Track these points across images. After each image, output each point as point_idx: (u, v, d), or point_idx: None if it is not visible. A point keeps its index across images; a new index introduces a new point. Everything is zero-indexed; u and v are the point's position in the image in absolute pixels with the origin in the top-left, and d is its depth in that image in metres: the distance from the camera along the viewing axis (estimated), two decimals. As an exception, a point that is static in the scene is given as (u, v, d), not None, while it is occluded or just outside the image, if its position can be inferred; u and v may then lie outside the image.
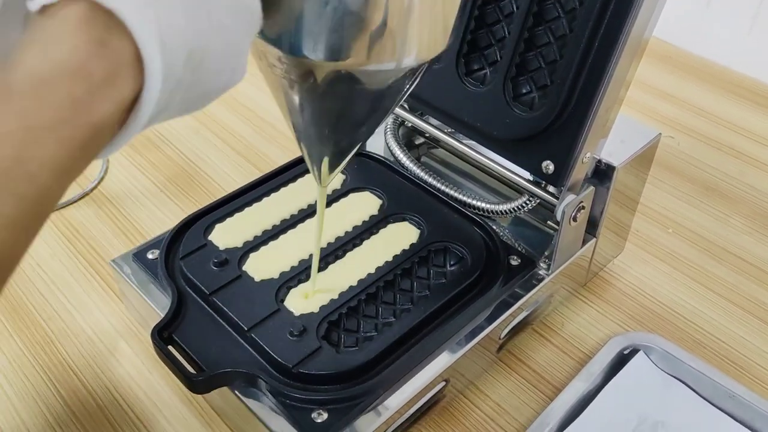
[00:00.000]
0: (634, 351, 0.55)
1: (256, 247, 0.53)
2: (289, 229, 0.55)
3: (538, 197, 0.54)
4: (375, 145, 0.65)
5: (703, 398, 0.52)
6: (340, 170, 0.45)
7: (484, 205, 0.58)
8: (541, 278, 0.54)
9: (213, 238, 0.54)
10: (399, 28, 0.34)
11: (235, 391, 0.46)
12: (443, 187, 0.59)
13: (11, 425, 0.51)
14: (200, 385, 0.45)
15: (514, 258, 0.55)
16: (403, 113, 0.62)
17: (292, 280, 0.51)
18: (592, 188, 0.54)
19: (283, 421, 0.44)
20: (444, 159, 0.66)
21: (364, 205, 0.58)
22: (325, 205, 0.48)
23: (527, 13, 0.51)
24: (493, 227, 0.56)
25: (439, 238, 0.55)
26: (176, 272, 0.52)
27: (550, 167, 0.52)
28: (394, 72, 0.37)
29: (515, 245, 0.57)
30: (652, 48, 0.51)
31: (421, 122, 0.62)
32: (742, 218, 0.70)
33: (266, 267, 0.52)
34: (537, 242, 0.57)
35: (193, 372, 0.45)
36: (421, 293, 0.51)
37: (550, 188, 0.54)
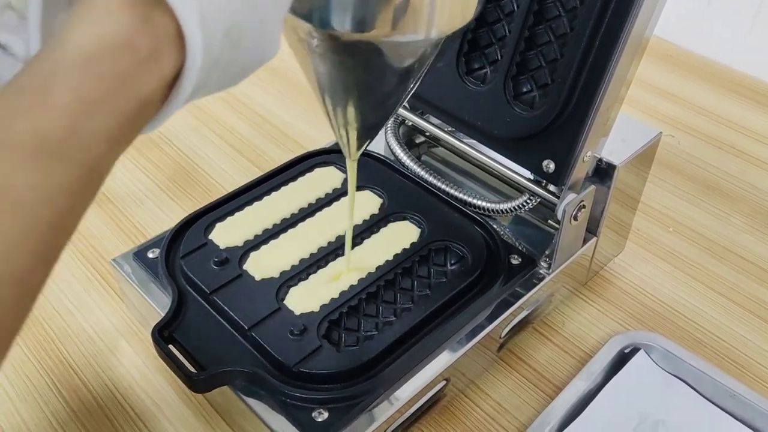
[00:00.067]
0: (634, 350, 0.55)
1: (256, 246, 0.53)
2: (289, 228, 0.55)
3: (539, 196, 0.54)
4: (375, 144, 0.65)
5: (704, 397, 0.52)
6: (369, 143, 0.46)
7: (484, 204, 0.58)
8: (541, 277, 0.54)
9: (213, 237, 0.54)
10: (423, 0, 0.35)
11: (236, 390, 0.46)
12: (444, 186, 0.59)
13: (12, 424, 0.51)
14: (201, 384, 0.45)
15: (515, 257, 0.55)
16: (403, 112, 0.62)
17: (293, 279, 0.51)
18: (592, 187, 0.54)
19: (284, 420, 0.44)
20: (444, 158, 0.66)
21: (364, 204, 0.57)
22: (355, 180, 0.49)
23: (528, 11, 0.51)
24: (494, 226, 0.56)
25: (439, 237, 0.54)
26: (177, 271, 0.52)
27: (550, 166, 0.52)
28: (421, 43, 0.37)
29: (516, 244, 0.57)
30: (652, 47, 0.51)
31: (422, 121, 0.61)
32: (742, 217, 0.70)
33: (267, 266, 0.52)
34: (537, 241, 0.57)
35: (194, 371, 0.45)
36: (421, 292, 0.51)
37: (551, 187, 0.54)
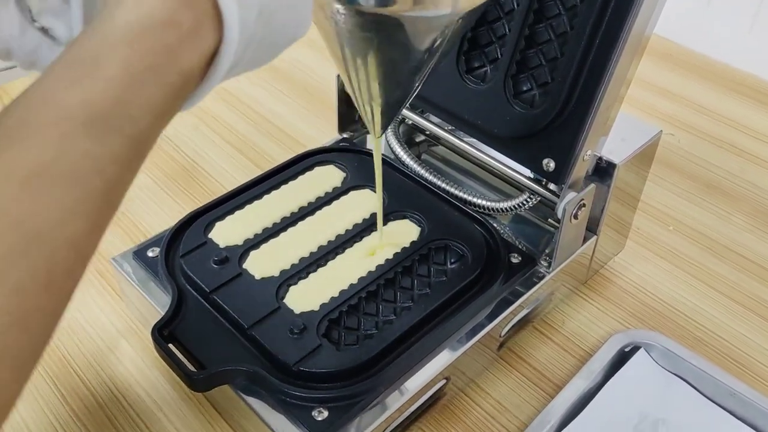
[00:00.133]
0: (635, 348, 0.55)
1: (256, 245, 0.53)
2: (289, 227, 0.55)
3: (539, 195, 0.54)
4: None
5: (705, 396, 0.52)
6: (393, 120, 0.47)
7: (484, 202, 0.58)
8: (541, 276, 0.54)
9: (213, 235, 0.54)
10: None
11: (236, 389, 0.46)
12: (444, 185, 0.59)
13: (11, 424, 0.51)
14: (200, 383, 0.45)
15: (515, 256, 0.55)
16: (403, 111, 0.62)
17: (293, 278, 0.51)
18: (592, 186, 0.54)
19: (284, 419, 0.44)
20: (444, 156, 0.66)
21: (364, 203, 0.57)
22: (381, 158, 0.51)
23: (528, 10, 0.51)
24: (494, 225, 0.56)
25: (439, 236, 0.54)
26: (176, 270, 0.52)
27: (550, 165, 0.52)
28: (445, 18, 0.40)
29: (516, 243, 0.57)
30: (653, 45, 0.51)
31: (422, 120, 0.61)
32: (743, 216, 0.70)
33: (266, 265, 0.52)
34: (538, 240, 0.57)
35: (194, 370, 0.45)
36: (421, 291, 0.51)
37: (551, 186, 0.54)
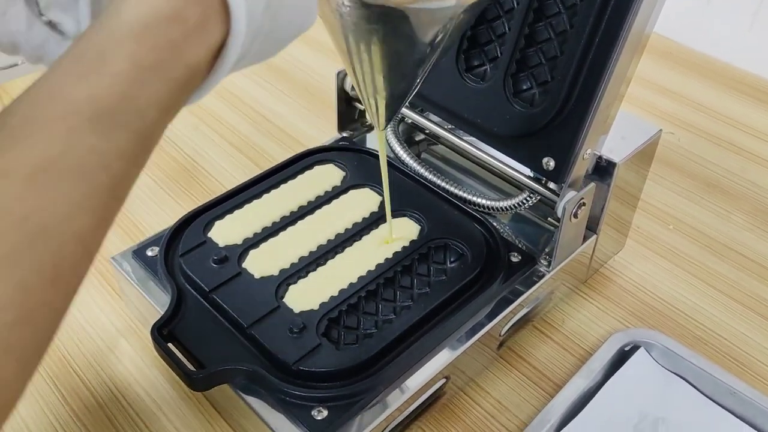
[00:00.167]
0: (634, 348, 0.55)
1: (255, 244, 0.53)
2: (288, 226, 0.55)
3: (539, 194, 0.54)
4: (375, 141, 0.65)
5: (704, 395, 0.52)
6: (397, 113, 0.47)
7: (484, 201, 0.57)
8: (541, 275, 0.54)
9: (212, 235, 0.54)
10: None
11: (235, 388, 0.46)
12: (443, 184, 0.59)
13: (11, 423, 0.51)
14: (200, 382, 0.45)
15: (515, 255, 0.55)
16: (403, 110, 0.62)
17: (292, 277, 0.51)
18: (592, 185, 0.53)
19: (283, 419, 0.44)
20: (444, 155, 0.65)
21: (364, 202, 0.57)
22: (385, 151, 0.52)
23: (527, 8, 0.50)
24: (494, 224, 0.56)
25: (439, 235, 0.54)
26: (176, 269, 0.52)
27: (550, 164, 0.52)
28: (449, 10, 0.40)
29: (516, 242, 0.57)
30: (652, 44, 0.51)
31: (421, 119, 0.61)
32: (743, 214, 0.70)
33: (266, 264, 0.52)
34: (537, 239, 0.57)
35: (193, 369, 0.45)
36: (421, 290, 0.51)
37: (551, 185, 0.54)
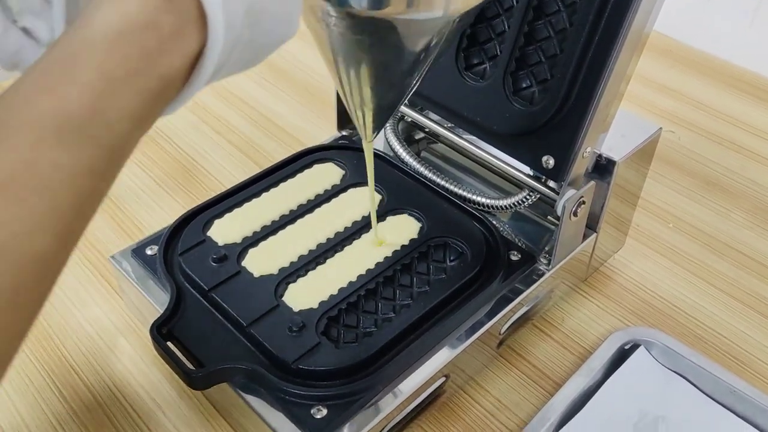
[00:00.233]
0: (634, 346, 0.55)
1: (255, 243, 0.53)
2: (288, 225, 0.55)
3: (539, 192, 0.54)
4: (375, 140, 0.64)
5: (704, 393, 0.52)
6: (385, 124, 0.46)
7: (484, 200, 0.57)
8: (541, 273, 0.54)
9: (212, 233, 0.54)
10: None
11: (235, 387, 0.46)
12: (443, 183, 0.59)
13: (10, 422, 0.51)
14: (199, 381, 0.45)
15: (515, 253, 0.55)
16: (402, 108, 0.62)
17: (292, 276, 0.51)
18: (592, 183, 0.53)
19: (283, 417, 0.44)
20: (444, 154, 0.65)
21: (363, 201, 0.57)
22: (372, 161, 0.51)
23: (527, 6, 0.50)
24: (493, 222, 0.56)
25: (438, 234, 0.54)
26: (175, 268, 0.52)
27: (550, 162, 0.51)
28: (438, 21, 0.38)
29: (515, 240, 0.57)
30: (652, 42, 0.51)
31: (421, 117, 0.61)
32: (743, 213, 0.70)
33: (265, 263, 0.52)
34: (537, 237, 0.57)
35: (192, 368, 0.45)
36: (420, 289, 0.51)
37: (551, 183, 0.53)
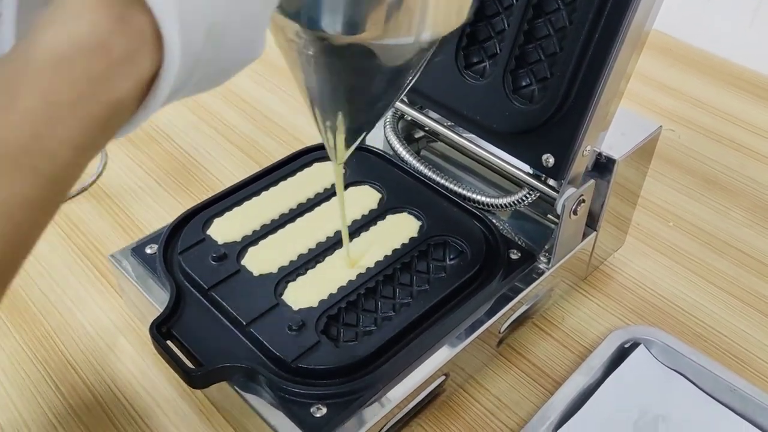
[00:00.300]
0: (634, 344, 0.55)
1: (254, 242, 0.53)
2: (287, 224, 0.55)
3: (538, 191, 0.54)
4: (374, 139, 0.64)
5: (704, 392, 0.52)
6: (356, 147, 0.45)
7: (483, 198, 0.57)
8: (541, 272, 0.54)
9: (211, 232, 0.54)
10: (416, 1, 0.34)
11: (234, 385, 0.46)
12: (443, 181, 0.59)
13: (10, 421, 0.51)
14: (199, 379, 0.45)
15: (514, 252, 0.55)
16: (402, 107, 0.62)
17: (291, 275, 0.51)
18: (592, 181, 0.53)
19: (282, 416, 0.44)
20: (444, 152, 0.65)
21: (363, 199, 0.57)
22: (343, 184, 0.50)
23: (527, 5, 0.50)
24: (493, 221, 0.56)
25: (438, 232, 0.54)
26: (175, 267, 0.52)
27: (550, 160, 0.51)
28: (412, 46, 0.37)
29: (515, 239, 0.57)
30: (652, 40, 0.51)
31: (421, 116, 0.61)
32: (742, 211, 0.70)
33: (265, 261, 0.52)
34: (537, 236, 0.57)
35: (192, 367, 0.45)
36: (420, 287, 0.51)
37: (551, 181, 0.53)
